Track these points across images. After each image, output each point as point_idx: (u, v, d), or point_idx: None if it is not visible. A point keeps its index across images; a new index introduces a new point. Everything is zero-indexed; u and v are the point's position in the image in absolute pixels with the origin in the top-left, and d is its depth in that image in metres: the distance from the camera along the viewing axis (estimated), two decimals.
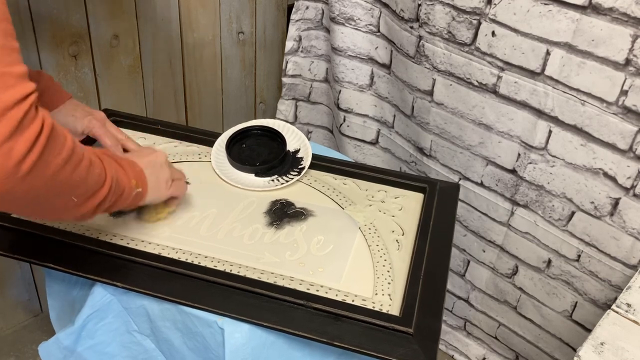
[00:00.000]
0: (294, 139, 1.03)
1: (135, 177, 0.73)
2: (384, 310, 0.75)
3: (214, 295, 0.75)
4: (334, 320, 0.72)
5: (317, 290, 0.77)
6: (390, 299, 0.77)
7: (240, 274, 0.79)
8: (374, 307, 0.75)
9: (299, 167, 0.99)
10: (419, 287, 0.77)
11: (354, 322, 0.72)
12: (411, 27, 1.16)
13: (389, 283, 0.80)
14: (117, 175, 0.68)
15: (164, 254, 0.82)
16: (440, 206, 0.93)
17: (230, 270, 0.79)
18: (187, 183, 0.91)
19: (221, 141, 1.02)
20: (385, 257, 0.84)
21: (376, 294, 0.78)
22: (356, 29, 1.30)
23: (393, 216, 0.92)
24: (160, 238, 0.85)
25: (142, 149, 0.85)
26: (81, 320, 0.81)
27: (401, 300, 0.76)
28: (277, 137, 1.03)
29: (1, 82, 0.49)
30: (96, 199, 0.63)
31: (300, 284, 0.78)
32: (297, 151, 1.02)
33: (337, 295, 0.77)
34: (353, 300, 0.76)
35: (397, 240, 0.87)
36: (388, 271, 0.82)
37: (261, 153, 1.02)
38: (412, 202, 0.95)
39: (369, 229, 0.89)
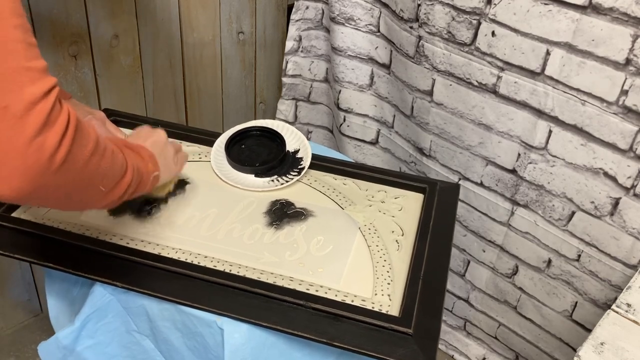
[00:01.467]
0: (294, 139, 1.03)
1: (150, 161, 0.74)
2: (384, 311, 0.75)
3: (213, 295, 0.75)
4: (333, 321, 0.72)
5: (317, 291, 0.77)
6: (390, 300, 0.77)
7: (240, 274, 0.79)
8: (373, 307, 0.75)
9: (299, 167, 0.99)
10: (419, 287, 0.77)
11: (353, 323, 0.72)
12: (411, 27, 1.16)
13: (388, 283, 0.80)
14: (136, 162, 0.69)
15: (164, 253, 0.82)
16: (440, 206, 0.92)
17: (230, 270, 0.79)
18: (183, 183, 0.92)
19: (220, 142, 1.02)
20: (385, 258, 0.84)
21: (376, 294, 0.78)
22: (356, 29, 1.30)
23: (393, 216, 0.92)
24: (160, 238, 0.85)
25: (140, 130, 0.84)
26: (81, 319, 0.81)
27: (401, 301, 0.76)
28: (276, 138, 1.03)
29: (27, 76, 0.49)
30: (122, 186, 0.64)
31: (300, 284, 0.78)
32: (296, 151, 1.02)
33: (336, 295, 0.77)
34: (353, 301, 0.76)
35: (396, 241, 0.87)
36: (388, 271, 0.82)
37: (260, 154, 1.02)
38: (412, 203, 0.95)
39: (369, 229, 0.89)
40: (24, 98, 0.49)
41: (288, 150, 1.02)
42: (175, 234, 0.86)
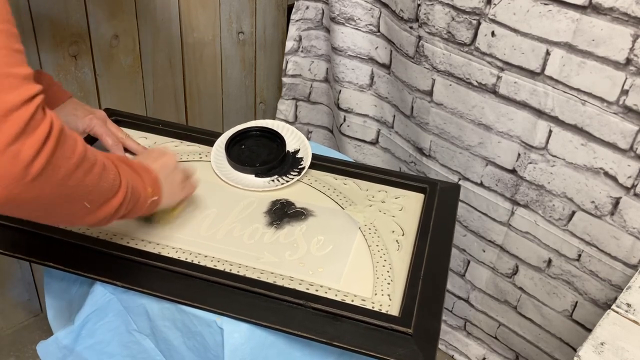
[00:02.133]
0: (294, 140, 1.03)
1: (151, 184, 0.71)
2: (384, 311, 0.75)
3: (213, 294, 0.75)
4: (333, 320, 0.72)
5: (317, 290, 0.77)
6: (390, 299, 0.77)
7: (240, 273, 0.79)
8: (373, 307, 0.75)
9: (299, 167, 0.99)
10: (419, 287, 0.77)
11: (353, 322, 0.72)
12: (411, 27, 1.16)
13: (388, 283, 0.79)
14: (133, 183, 0.66)
15: (164, 253, 0.82)
16: (440, 207, 0.92)
17: (230, 270, 0.79)
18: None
19: (220, 142, 1.02)
20: (385, 258, 0.84)
21: (376, 294, 0.78)
22: (356, 28, 1.30)
23: (393, 216, 0.92)
24: (160, 237, 0.85)
25: (152, 150, 0.81)
26: (81, 319, 0.81)
27: (401, 301, 0.76)
28: (276, 138, 1.03)
29: (5, 83, 0.48)
30: (110, 206, 0.62)
31: (300, 284, 0.78)
32: (296, 151, 1.02)
33: (336, 295, 0.77)
34: (352, 301, 0.76)
35: (397, 241, 0.87)
36: (388, 271, 0.81)
37: (260, 154, 1.01)
38: (412, 203, 0.95)
39: (369, 229, 0.89)
40: (0, 106, 0.47)
41: (288, 151, 1.02)
42: (175, 234, 0.86)
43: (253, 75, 1.59)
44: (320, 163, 1.00)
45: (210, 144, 1.02)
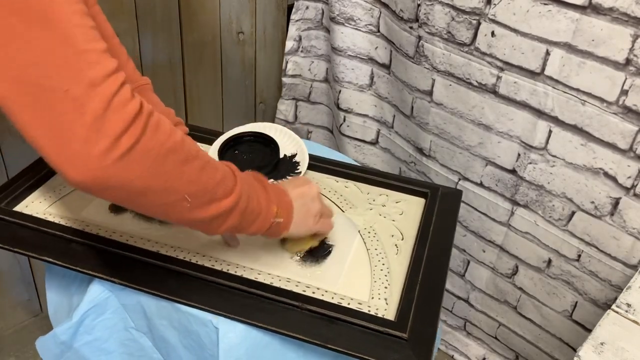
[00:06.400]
0: (290, 143, 1.02)
1: (279, 204, 0.69)
2: (380, 315, 0.74)
3: (210, 294, 0.75)
4: (328, 323, 0.72)
5: (314, 293, 0.77)
6: (386, 303, 0.77)
7: (237, 274, 0.79)
8: (369, 310, 0.75)
9: (296, 171, 0.98)
10: (416, 292, 0.76)
11: (348, 325, 0.72)
12: (410, 27, 1.16)
13: (385, 287, 0.79)
14: (252, 194, 0.64)
15: (162, 251, 0.82)
16: (441, 212, 0.91)
17: (227, 270, 0.79)
18: None
19: (214, 149, 1.00)
20: (383, 261, 0.84)
21: (372, 298, 0.77)
22: (356, 29, 1.30)
23: (393, 220, 0.91)
24: (159, 236, 0.85)
25: (295, 179, 0.80)
26: (79, 315, 0.81)
27: (397, 305, 0.75)
28: (270, 143, 1.01)
29: (86, 58, 0.48)
30: (217, 207, 0.60)
31: (297, 286, 0.78)
32: (293, 155, 1.01)
33: (333, 298, 0.76)
34: (349, 304, 0.76)
35: (396, 245, 0.87)
36: (385, 275, 0.81)
37: (254, 159, 1.00)
38: (413, 207, 0.95)
39: (369, 232, 0.89)
40: (83, 81, 0.47)
41: (285, 155, 1.00)
42: (173, 233, 0.86)
43: (253, 75, 1.59)
44: (321, 165, 1.00)
45: (210, 143, 1.02)
